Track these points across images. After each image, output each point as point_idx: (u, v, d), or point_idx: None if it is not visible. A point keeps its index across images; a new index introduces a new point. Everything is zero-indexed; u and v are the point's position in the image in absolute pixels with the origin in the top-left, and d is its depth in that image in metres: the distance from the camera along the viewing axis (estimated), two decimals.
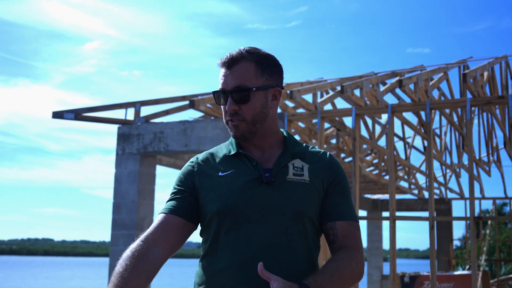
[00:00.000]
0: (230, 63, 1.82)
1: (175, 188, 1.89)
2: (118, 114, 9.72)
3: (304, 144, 1.95)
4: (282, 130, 1.97)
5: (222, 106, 1.86)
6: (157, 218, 1.85)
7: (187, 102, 8.67)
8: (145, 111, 9.25)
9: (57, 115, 8.92)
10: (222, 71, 1.85)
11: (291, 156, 1.87)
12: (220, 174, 1.84)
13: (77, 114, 8.96)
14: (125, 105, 9.16)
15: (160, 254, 1.75)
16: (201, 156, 1.94)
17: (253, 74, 1.82)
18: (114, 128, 9.10)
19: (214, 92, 1.87)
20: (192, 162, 1.92)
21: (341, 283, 1.69)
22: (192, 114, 16.09)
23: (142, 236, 1.77)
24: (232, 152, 1.88)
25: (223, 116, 1.88)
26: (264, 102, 1.84)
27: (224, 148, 1.94)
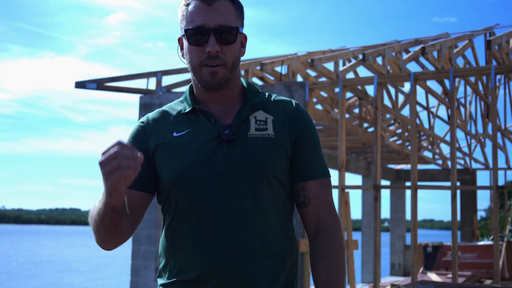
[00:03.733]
0: None
1: None
2: (140, 84, 9.73)
3: (266, 93, 1.75)
4: (242, 79, 1.77)
5: (194, 47, 1.61)
6: None
7: None
8: (167, 80, 9.27)
9: (80, 85, 8.97)
10: (197, 6, 1.60)
11: (252, 108, 1.67)
12: (174, 134, 1.65)
13: (99, 84, 9.01)
14: (146, 75, 9.18)
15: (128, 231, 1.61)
16: (152, 114, 1.73)
17: (233, 15, 1.63)
18: (138, 98, 9.14)
19: (188, 29, 1.60)
20: (142, 122, 1.72)
21: (341, 280, 1.60)
22: None
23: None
24: (188, 109, 1.68)
25: (192, 59, 1.64)
26: (240, 47, 1.68)
27: (179, 104, 1.74)
